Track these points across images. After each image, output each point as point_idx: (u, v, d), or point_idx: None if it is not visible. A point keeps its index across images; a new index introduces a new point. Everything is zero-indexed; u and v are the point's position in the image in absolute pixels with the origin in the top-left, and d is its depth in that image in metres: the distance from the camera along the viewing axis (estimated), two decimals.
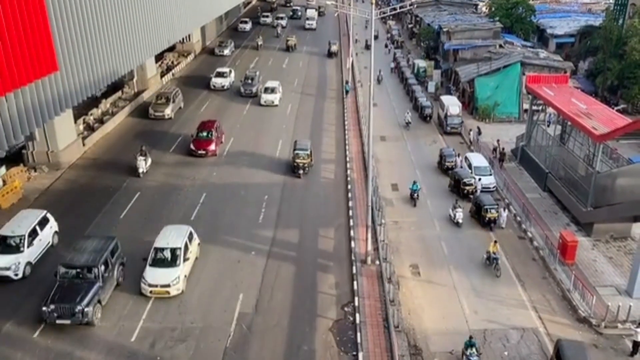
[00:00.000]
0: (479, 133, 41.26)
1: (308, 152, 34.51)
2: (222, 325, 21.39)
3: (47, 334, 20.57)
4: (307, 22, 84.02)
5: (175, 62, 58.26)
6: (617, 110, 38.04)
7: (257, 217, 29.41)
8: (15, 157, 33.36)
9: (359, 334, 20.93)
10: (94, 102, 42.11)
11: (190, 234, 24.78)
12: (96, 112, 41.84)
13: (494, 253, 25.63)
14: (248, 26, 79.04)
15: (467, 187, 32.22)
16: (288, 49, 67.17)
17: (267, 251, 26.36)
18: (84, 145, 36.82)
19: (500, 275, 25.18)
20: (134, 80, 47.99)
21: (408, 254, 27.14)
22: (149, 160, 33.92)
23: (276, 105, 46.74)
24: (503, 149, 38.08)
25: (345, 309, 22.68)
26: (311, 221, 29.39)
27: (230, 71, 52.54)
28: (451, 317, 22.78)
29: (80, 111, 39.23)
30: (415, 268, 26.04)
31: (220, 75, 51.68)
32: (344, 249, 26.93)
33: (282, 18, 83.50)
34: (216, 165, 35.36)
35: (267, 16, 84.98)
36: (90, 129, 39.52)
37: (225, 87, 50.38)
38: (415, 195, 31.38)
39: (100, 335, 20.68)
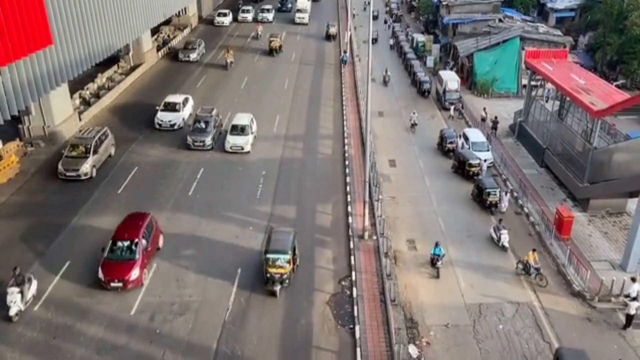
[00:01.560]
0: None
1: (288, 258, 21.57)
2: (220, 300, 21.61)
3: (47, 307, 20.82)
4: (298, 15, 68.27)
5: (171, 36, 57.58)
6: (616, 86, 37.90)
7: (255, 193, 29.47)
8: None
9: (356, 308, 21.20)
10: (89, 76, 41.75)
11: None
12: (92, 86, 41.49)
13: (535, 263, 23.35)
14: (227, 20, 65.26)
15: (473, 169, 31.23)
16: (271, 52, 54.34)
17: (264, 227, 26.47)
18: (80, 120, 36.61)
19: (547, 285, 23.22)
20: (130, 54, 47.47)
21: (405, 229, 27.31)
22: (30, 292, 20.57)
23: (247, 152, 33.59)
24: (496, 117, 38.34)
25: (343, 283, 22.92)
26: (309, 197, 29.47)
27: (186, 100, 38.54)
28: (447, 291, 23.04)
29: (76, 86, 38.95)
30: (412, 243, 26.23)
31: (170, 108, 37.05)
32: (341, 224, 27.07)
33: (267, 11, 68.48)
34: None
35: (247, 11, 67.95)
36: (86, 103, 39.24)
37: (176, 126, 36.21)
38: (439, 262, 23.75)
39: (100, 309, 20.89)
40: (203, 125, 34.23)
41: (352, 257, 24.18)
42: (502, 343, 20.34)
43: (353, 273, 23.15)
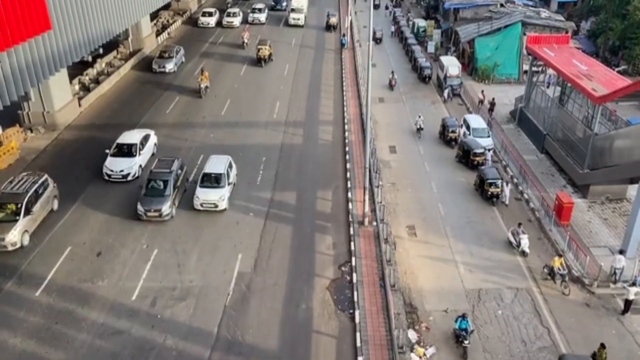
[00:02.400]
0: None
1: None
2: (221, 285, 21.74)
3: (49, 293, 20.93)
4: (292, 16, 59.60)
5: (170, 21, 57.22)
6: (618, 72, 37.69)
7: (255, 179, 29.48)
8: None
9: (355, 293, 21.32)
10: (88, 62, 41.62)
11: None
12: (91, 72, 41.33)
13: (560, 269, 22.32)
14: (213, 21, 57.66)
15: (477, 158, 30.69)
16: (259, 61, 46.42)
17: (265, 212, 26.54)
18: (79, 105, 36.53)
19: (570, 294, 22.11)
20: (129, 39, 47.23)
21: (405, 215, 27.36)
22: None
23: (223, 210, 26.40)
24: (493, 99, 38.64)
25: (343, 268, 23.02)
26: (309, 183, 29.49)
27: (147, 138, 30.83)
28: (446, 276, 23.15)
29: (76, 71, 38.81)
30: (412, 229, 26.29)
31: (124, 151, 29.20)
32: (341, 210, 27.12)
33: (259, 10, 60.19)
34: (214, 127, 35.16)
35: (233, 14, 58.35)
36: (85, 89, 39.12)
37: (130, 177, 28.42)
38: (467, 341, 19.11)
39: (101, 294, 21.02)
40: (159, 185, 25.49)
41: (352, 243, 24.26)
42: (501, 328, 20.48)
43: (353, 259, 23.25)
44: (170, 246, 23.85)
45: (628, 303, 21.14)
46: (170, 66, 43.78)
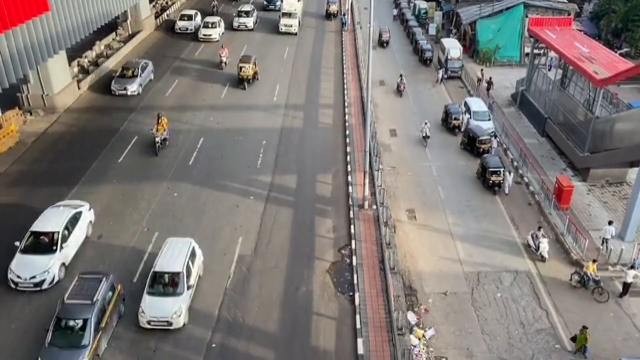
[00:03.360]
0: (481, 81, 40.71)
1: None
2: (222, 267, 21.85)
3: None
4: (284, 22, 49.07)
5: (169, 3, 56.70)
6: (620, 54, 37.41)
7: (255, 163, 29.46)
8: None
9: (355, 275, 21.45)
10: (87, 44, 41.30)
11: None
12: (90, 54, 41.05)
13: (593, 275, 21.33)
14: (192, 25, 47.94)
15: (483, 146, 30.15)
16: (241, 82, 37.35)
17: (265, 196, 26.57)
18: (79, 88, 36.35)
19: (607, 301, 21.08)
20: (128, 21, 46.84)
21: (405, 198, 27.40)
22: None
23: (182, 326, 19.22)
24: (490, 77, 38.75)
25: (342, 251, 23.12)
26: (309, 166, 29.48)
27: (74, 222, 21.96)
28: (446, 259, 23.26)
29: (75, 54, 38.54)
30: (412, 212, 26.35)
31: (38, 248, 20.64)
32: (341, 194, 27.14)
33: (246, 14, 49.97)
34: (213, 110, 35.04)
35: (212, 25, 46.54)
36: (85, 71, 38.89)
37: (45, 284, 20.02)
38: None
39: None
40: (76, 324, 17.28)
41: (352, 226, 24.33)
42: (500, 310, 20.64)
43: (353, 242, 23.34)
44: (172, 229, 23.88)
45: (626, 286, 21.27)
46: (133, 87, 35.30)
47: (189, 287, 19.37)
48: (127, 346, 18.22)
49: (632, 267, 21.52)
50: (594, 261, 21.63)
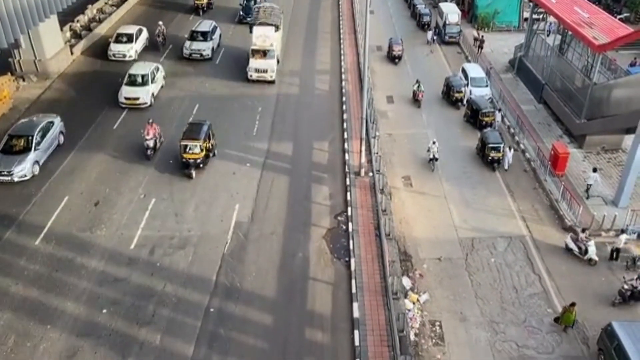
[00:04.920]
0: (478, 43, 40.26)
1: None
2: (219, 234, 22.01)
3: (48, 241, 21.19)
4: (254, 64, 32.94)
5: None
6: (620, 19, 36.97)
7: (251, 129, 29.32)
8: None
9: (351, 241, 21.65)
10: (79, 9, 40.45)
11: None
12: (83, 19, 40.28)
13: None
14: (133, 49, 35.34)
15: (486, 119, 29.55)
16: (187, 167, 24.69)
17: (261, 163, 26.55)
18: (72, 53, 35.81)
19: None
20: None
21: (401, 166, 27.44)
22: None
23: None
24: (482, 36, 39.69)
25: (339, 218, 23.27)
26: (305, 134, 29.37)
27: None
28: (441, 226, 23.46)
29: (66, 18, 37.79)
30: (408, 179, 26.43)
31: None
32: (338, 161, 27.15)
33: (202, 36, 35.97)
34: (208, 77, 34.62)
35: (134, 83, 30.30)
36: (77, 36, 38.24)
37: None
38: None
39: (100, 243, 21.30)
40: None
41: (348, 193, 24.43)
42: (493, 275, 20.95)
43: (349, 208, 23.47)
44: (167, 195, 23.96)
45: (617, 251, 21.54)
46: (22, 170, 24.02)
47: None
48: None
49: (623, 231, 21.77)
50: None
